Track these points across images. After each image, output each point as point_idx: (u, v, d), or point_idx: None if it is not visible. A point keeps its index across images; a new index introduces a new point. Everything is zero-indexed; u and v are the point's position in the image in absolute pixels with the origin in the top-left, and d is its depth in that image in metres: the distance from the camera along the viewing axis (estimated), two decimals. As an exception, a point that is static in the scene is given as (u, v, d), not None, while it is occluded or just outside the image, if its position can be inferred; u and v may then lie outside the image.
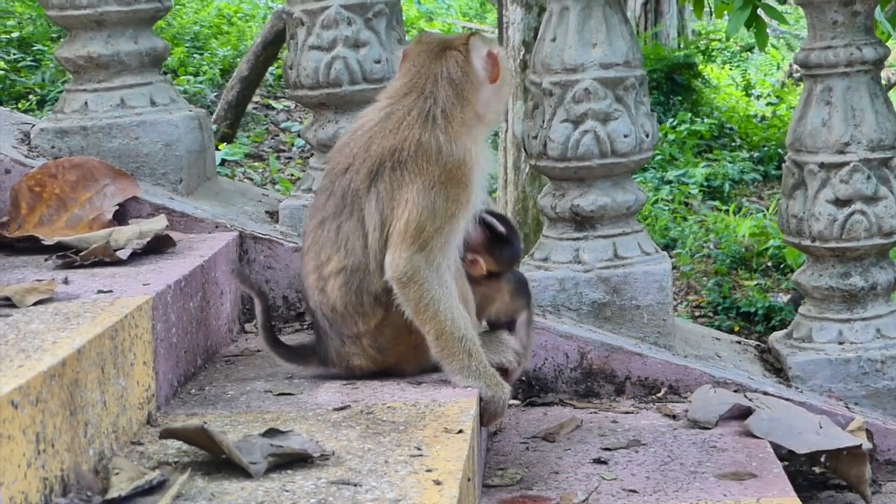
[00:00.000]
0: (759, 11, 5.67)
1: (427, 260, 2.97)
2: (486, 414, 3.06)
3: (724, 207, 11.68)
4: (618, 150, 3.96)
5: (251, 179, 10.50)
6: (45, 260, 3.40)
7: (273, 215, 4.21)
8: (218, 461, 2.49)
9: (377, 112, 3.13)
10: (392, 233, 2.99)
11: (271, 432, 2.59)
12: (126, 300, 2.81)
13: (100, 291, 2.93)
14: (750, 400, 3.65)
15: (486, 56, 3.12)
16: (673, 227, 10.79)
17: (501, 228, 3.24)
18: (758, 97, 16.93)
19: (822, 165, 3.99)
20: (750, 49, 19.19)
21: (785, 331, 4.24)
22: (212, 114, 10.75)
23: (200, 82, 11.88)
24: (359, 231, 3.04)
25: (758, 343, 4.43)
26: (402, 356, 3.13)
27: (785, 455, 3.46)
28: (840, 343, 4.01)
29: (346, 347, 3.12)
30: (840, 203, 3.98)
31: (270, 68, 11.89)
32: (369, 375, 3.16)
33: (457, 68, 3.10)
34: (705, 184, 12.12)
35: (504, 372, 3.25)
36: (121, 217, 3.80)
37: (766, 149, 13.31)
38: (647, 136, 4.02)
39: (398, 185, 3.01)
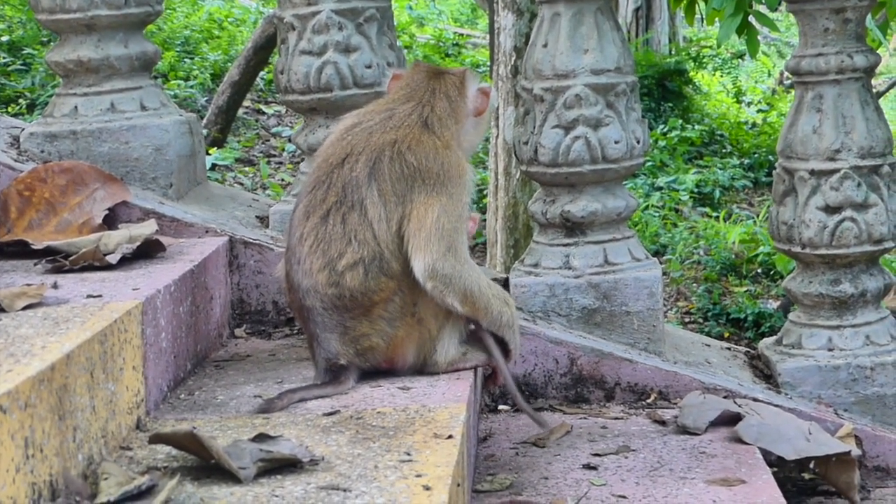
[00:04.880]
0: (751, 18, 5.68)
1: (457, 257, 3.13)
2: (511, 357, 3.34)
3: (714, 214, 11.70)
4: (609, 156, 3.96)
5: (241, 184, 10.49)
6: (35, 264, 3.39)
7: (263, 220, 4.20)
8: (207, 466, 2.48)
9: (378, 114, 3.26)
10: (411, 236, 3.10)
11: (261, 437, 2.58)
12: (115, 305, 2.80)
13: (89, 296, 2.93)
14: (739, 406, 3.66)
15: (476, 91, 3.34)
16: (663, 233, 10.80)
17: None
18: (748, 104, 16.97)
19: (812, 172, 4.00)
20: (741, 56, 19.24)
21: (775, 337, 4.24)
22: (202, 118, 10.74)
23: (191, 87, 11.88)
24: (364, 221, 3.10)
25: (747, 349, 4.43)
26: (409, 329, 3.16)
27: (774, 461, 3.47)
28: (829, 350, 4.01)
29: (354, 332, 3.12)
30: (830, 210, 3.99)
31: (261, 73, 11.90)
32: (376, 364, 3.17)
33: (454, 89, 3.32)
34: (696, 190, 12.14)
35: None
36: (110, 221, 3.79)
37: (756, 155, 13.34)
38: (639, 142, 4.03)
39: (398, 179, 3.12)
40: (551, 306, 3.97)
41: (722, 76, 18.24)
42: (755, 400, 3.78)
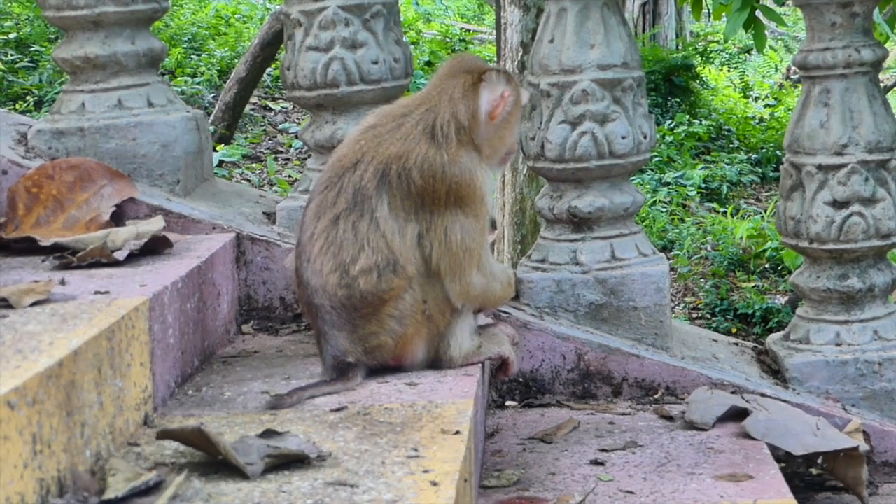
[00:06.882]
0: (758, 13, 5.67)
1: (484, 272, 3.19)
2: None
3: (721, 209, 11.70)
4: (615, 151, 3.96)
5: (249, 181, 10.50)
6: (42, 261, 3.40)
7: (270, 216, 4.21)
8: (215, 462, 2.49)
9: (393, 119, 3.19)
10: (440, 259, 3.11)
11: (268, 433, 2.59)
12: (123, 301, 2.81)
13: (97, 292, 2.93)
14: (747, 401, 3.65)
15: (498, 94, 3.18)
16: (671, 228, 10.80)
17: None
18: (756, 99, 16.97)
19: (819, 167, 3.99)
20: (748, 51, 19.23)
21: (782, 332, 4.24)
22: (209, 115, 10.75)
23: (198, 83, 11.89)
24: (377, 231, 3.08)
25: (755, 345, 4.43)
26: (418, 327, 3.15)
27: (782, 457, 3.46)
28: (837, 345, 4.01)
29: (362, 330, 3.12)
30: (838, 205, 3.98)
31: (268, 69, 11.91)
32: (384, 361, 3.17)
33: (461, 91, 3.17)
34: (703, 185, 12.14)
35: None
36: (118, 218, 3.79)
37: (763, 151, 13.33)
38: (645, 137, 4.02)
39: (406, 196, 3.09)
40: (558, 302, 3.97)
41: (729, 71, 18.22)
42: (763, 395, 3.78)
